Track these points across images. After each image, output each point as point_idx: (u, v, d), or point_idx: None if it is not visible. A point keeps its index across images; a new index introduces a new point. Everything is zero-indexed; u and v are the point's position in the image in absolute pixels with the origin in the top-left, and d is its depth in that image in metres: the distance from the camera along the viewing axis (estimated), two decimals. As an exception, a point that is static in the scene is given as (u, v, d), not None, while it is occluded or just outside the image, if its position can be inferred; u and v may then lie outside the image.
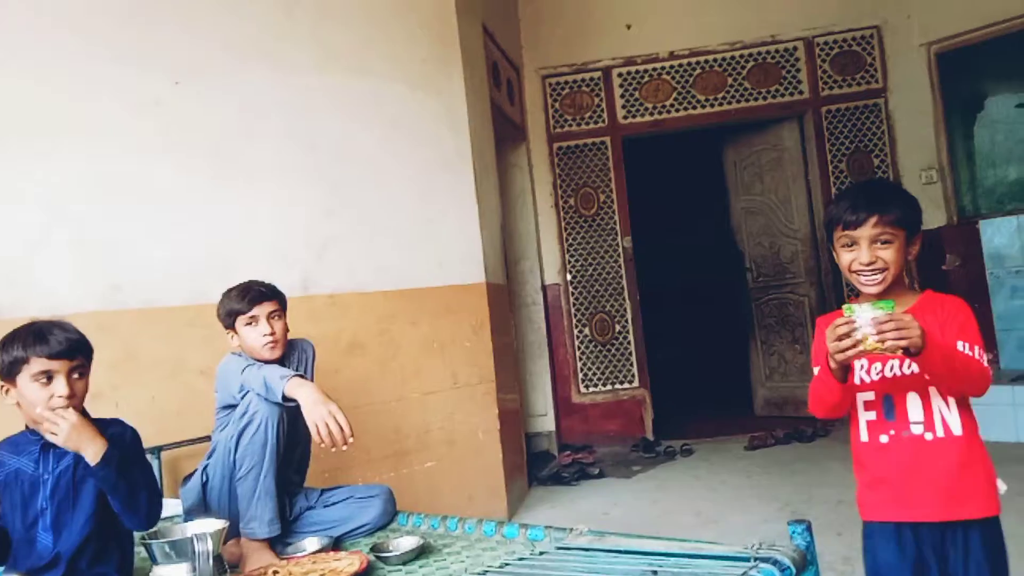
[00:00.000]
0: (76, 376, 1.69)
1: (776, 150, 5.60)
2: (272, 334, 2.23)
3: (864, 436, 1.54)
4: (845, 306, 1.37)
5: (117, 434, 1.75)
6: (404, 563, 1.90)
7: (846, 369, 1.45)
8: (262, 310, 2.25)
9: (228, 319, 2.28)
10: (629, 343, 5.36)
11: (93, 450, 1.64)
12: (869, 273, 1.50)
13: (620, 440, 5.20)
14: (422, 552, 1.94)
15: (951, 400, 1.47)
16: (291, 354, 2.34)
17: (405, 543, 1.97)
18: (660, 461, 4.71)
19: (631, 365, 5.35)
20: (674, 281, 7.50)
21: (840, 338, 1.35)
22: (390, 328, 3.52)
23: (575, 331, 5.38)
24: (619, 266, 5.39)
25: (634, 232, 5.50)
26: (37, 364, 1.64)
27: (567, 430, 5.27)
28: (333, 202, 3.46)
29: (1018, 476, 3.48)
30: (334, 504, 2.28)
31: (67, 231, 2.86)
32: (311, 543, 2.11)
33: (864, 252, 1.50)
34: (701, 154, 6.48)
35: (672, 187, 7.54)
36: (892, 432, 1.50)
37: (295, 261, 3.31)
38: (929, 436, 1.47)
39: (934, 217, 5.12)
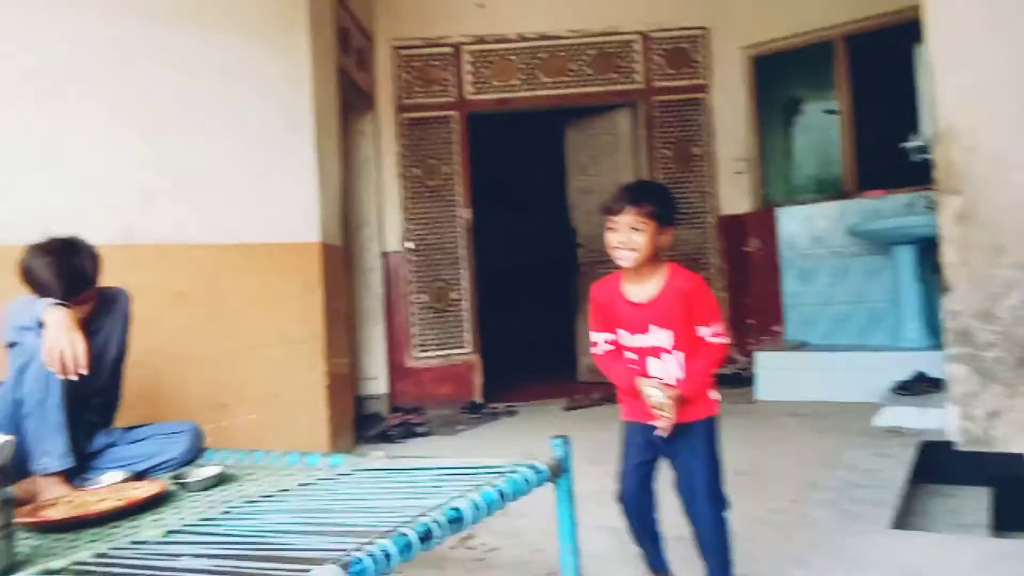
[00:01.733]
0: None
1: (611, 135, 5.97)
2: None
3: None
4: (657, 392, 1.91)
5: None
6: (204, 489, 1.98)
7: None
8: (76, 299, 2.14)
9: (37, 292, 2.14)
10: (464, 311, 5.58)
11: None
12: (625, 251, 1.94)
13: (450, 403, 5.43)
14: (223, 480, 2.03)
15: (681, 362, 1.96)
16: (105, 304, 2.33)
17: (205, 471, 2.05)
18: (485, 421, 4.97)
19: (465, 331, 5.58)
20: (513, 254, 7.83)
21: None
22: (218, 281, 3.54)
23: (412, 297, 5.53)
24: (459, 236, 5.59)
25: (476, 205, 5.71)
26: None
27: (400, 393, 5.43)
28: (163, 152, 3.44)
29: (784, 427, 4.05)
30: (139, 441, 2.31)
31: None
32: (112, 477, 2.13)
33: (621, 233, 1.94)
34: (546, 134, 6.79)
35: (516, 164, 7.84)
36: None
37: (119, 208, 3.28)
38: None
39: (741, 204, 5.68)
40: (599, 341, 2.06)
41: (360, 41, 5.21)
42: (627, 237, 1.93)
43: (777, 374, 4.76)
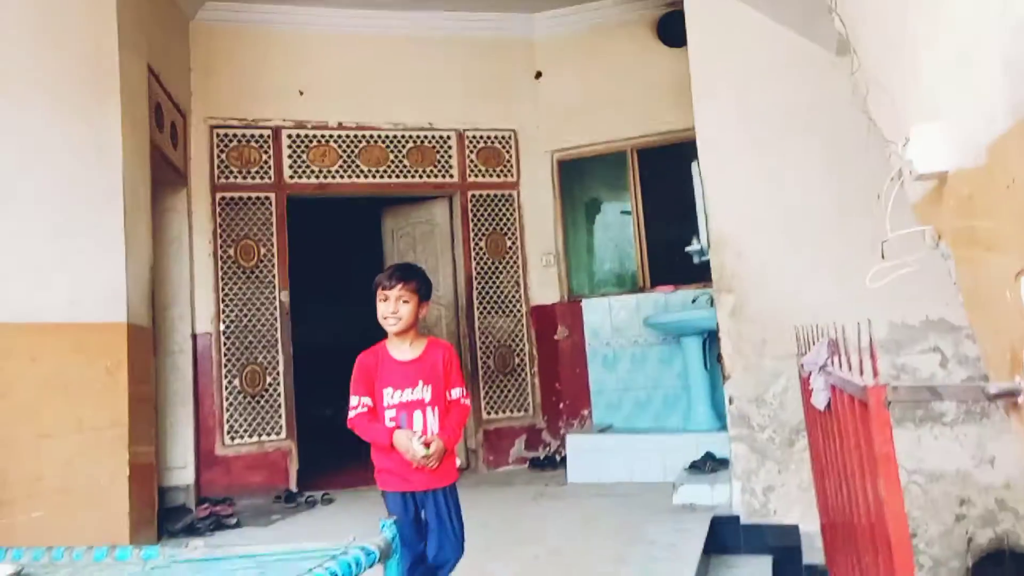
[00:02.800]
0: None
1: (429, 224, 6.20)
2: None
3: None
4: (417, 442, 2.27)
5: None
6: (-4, 591, 1.81)
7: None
8: None
9: None
10: (279, 395, 5.42)
11: None
12: (393, 320, 2.38)
13: (263, 492, 5.19)
14: (19, 580, 1.87)
15: (437, 417, 2.38)
16: None
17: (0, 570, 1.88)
18: (301, 510, 4.81)
19: (279, 417, 5.40)
20: (332, 338, 7.73)
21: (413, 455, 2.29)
22: (3, 364, 3.25)
23: (224, 381, 5.30)
24: (275, 319, 5.48)
25: (295, 288, 5.64)
26: None
27: (208, 483, 5.12)
28: (-55, 222, 3.16)
29: (594, 506, 4.29)
30: (-88, 543, 2.06)
31: None
32: None
33: (391, 304, 2.38)
34: (363, 220, 6.90)
35: (337, 248, 7.86)
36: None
37: None
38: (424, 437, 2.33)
39: (550, 294, 6.07)
40: (357, 404, 2.38)
41: (174, 117, 5.11)
42: (396, 307, 2.38)
43: (586, 456, 5.05)
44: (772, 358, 3.62)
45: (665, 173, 5.87)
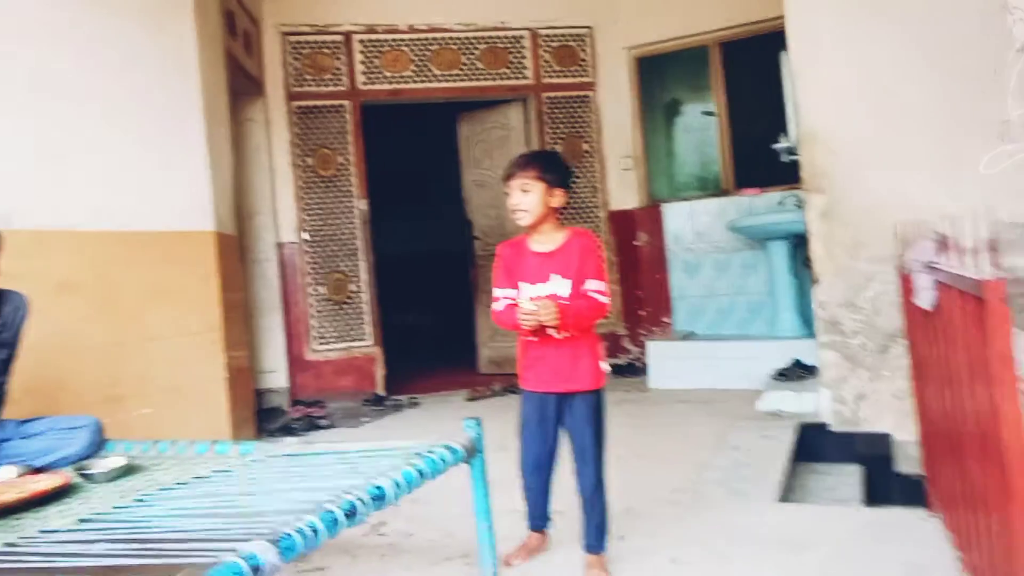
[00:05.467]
0: None
1: (504, 129, 6.07)
2: None
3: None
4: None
5: None
6: (110, 480, 1.93)
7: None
8: None
9: None
10: (364, 302, 5.55)
11: None
12: (520, 214, 2.20)
13: (352, 395, 5.39)
14: (129, 470, 1.98)
15: None
16: (1, 306, 2.24)
17: (111, 462, 2.00)
18: (388, 413, 4.98)
19: (365, 323, 5.55)
20: (412, 246, 7.84)
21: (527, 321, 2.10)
22: (107, 271, 3.40)
23: (310, 289, 5.45)
24: (355, 227, 5.55)
25: (374, 197, 5.68)
26: None
27: (300, 386, 5.35)
28: (44, 137, 3.27)
29: (676, 412, 4.28)
30: (34, 435, 2.22)
31: None
32: (6, 472, 2.05)
33: (514, 196, 2.20)
34: (439, 127, 6.83)
35: (412, 156, 7.84)
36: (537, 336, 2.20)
37: (-4, 193, 3.09)
38: (559, 337, 2.17)
39: (630, 199, 5.92)
40: (500, 297, 2.24)
41: (247, 25, 5.08)
42: (519, 199, 2.19)
43: (668, 363, 5.00)
44: (866, 260, 3.44)
45: (750, 68, 5.53)
